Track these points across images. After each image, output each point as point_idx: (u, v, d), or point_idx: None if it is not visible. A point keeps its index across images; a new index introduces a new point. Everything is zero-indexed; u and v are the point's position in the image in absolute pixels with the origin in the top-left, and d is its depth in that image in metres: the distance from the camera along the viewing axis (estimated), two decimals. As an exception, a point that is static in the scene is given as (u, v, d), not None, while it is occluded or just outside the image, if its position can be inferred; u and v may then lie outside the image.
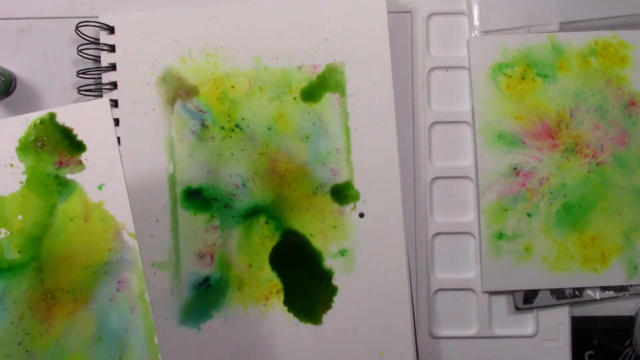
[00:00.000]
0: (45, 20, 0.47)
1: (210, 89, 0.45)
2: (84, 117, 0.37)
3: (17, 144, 0.37)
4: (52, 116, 0.37)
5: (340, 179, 0.44)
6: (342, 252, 0.44)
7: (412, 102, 0.47)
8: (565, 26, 0.47)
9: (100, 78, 0.45)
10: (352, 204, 0.44)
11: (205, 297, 0.44)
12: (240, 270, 0.44)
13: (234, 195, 0.44)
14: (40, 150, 0.37)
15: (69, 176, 0.37)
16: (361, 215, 0.44)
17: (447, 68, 0.47)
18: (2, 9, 0.47)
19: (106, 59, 0.45)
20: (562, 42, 0.46)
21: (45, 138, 0.37)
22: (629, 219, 0.46)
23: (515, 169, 0.46)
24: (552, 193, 0.45)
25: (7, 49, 0.47)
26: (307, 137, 0.44)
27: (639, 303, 0.47)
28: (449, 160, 0.47)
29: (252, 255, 0.44)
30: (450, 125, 0.47)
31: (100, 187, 0.37)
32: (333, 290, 0.44)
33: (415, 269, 0.46)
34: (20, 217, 0.36)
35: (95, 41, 0.45)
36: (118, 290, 0.36)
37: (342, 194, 0.44)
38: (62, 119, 0.37)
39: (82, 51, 0.45)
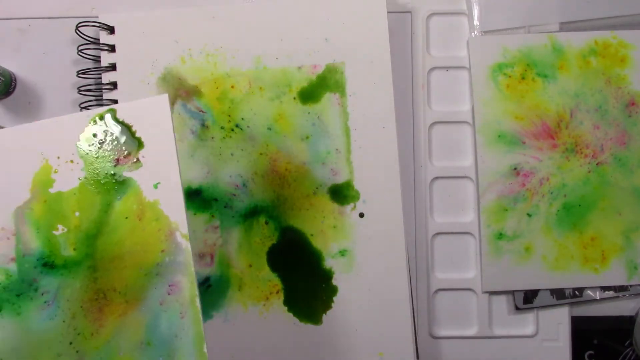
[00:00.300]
0: (45, 20, 0.47)
1: (210, 89, 0.45)
2: (143, 114, 0.37)
3: (78, 140, 0.37)
4: (112, 112, 0.37)
5: (340, 179, 0.44)
6: (342, 252, 0.44)
7: (412, 102, 0.47)
8: (565, 26, 0.47)
9: (100, 78, 0.45)
10: (352, 204, 0.44)
11: (205, 297, 0.44)
12: (240, 270, 0.44)
13: (234, 195, 0.44)
14: (99, 146, 0.37)
15: (126, 174, 0.36)
16: (361, 215, 0.44)
17: (447, 68, 0.47)
18: (2, 9, 0.47)
19: (106, 59, 0.45)
20: (562, 42, 0.46)
21: (105, 135, 0.37)
22: (629, 219, 0.45)
23: (515, 169, 0.46)
24: (552, 193, 0.45)
25: (7, 49, 0.47)
26: (307, 137, 0.44)
27: (639, 303, 0.47)
28: (449, 160, 0.47)
29: (252, 255, 0.44)
30: (450, 125, 0.47)
31: (155, 186, 0.36)
32: (333, 290, 0.44)
33: (415, 269, 0.46)
34: (77, 213, 0.36)
35: (95, 41, 0.45)
36: (169, 293, 0.36)
37: (342, 194, 0.44)
38: (122, 115, 0.37)
39: (82, 51, 0.45)
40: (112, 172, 0.36)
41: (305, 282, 0.44)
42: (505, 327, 0.46)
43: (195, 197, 0.44)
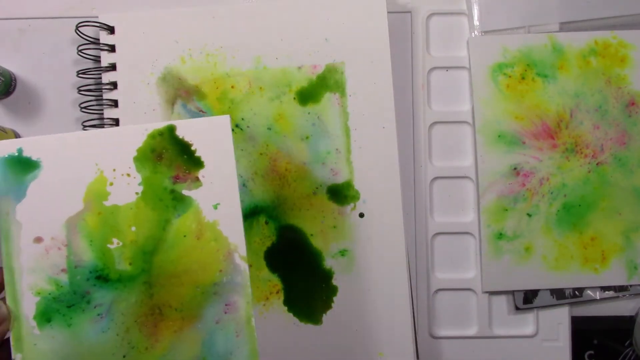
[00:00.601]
0: (45, 20, 0.47)
1: (210, 89, 0.45)
2: (204, 133, 0.36)
3: (135, 154, 0.36)
4: (171, 129, 0.36)
5: (340, 179, 0.44)
6: (342, 252, 0.44)
7: (412, 102, 0.47)
8: (565, 26, 0.47)
9: (100, 78, 0.45)
10: (352, 204, 0.44)
11: (206, 297, 0.44)
12: (240, 270, 0.44)
13: (234, 195, 0.44)
14: (157, 162, 0.36)
15: (185, 192, 0.36)
16: (361, 215, 0.44)
17: (447, 68, 0.47)
18: (2, 9, 0.47)
19: (106, 59, 0.45)
20: (562, 42, 0.46)
21: (163, 151, 0.36)
22: (629, 219, 0.45)
23: (515, 169, 0.46)
24: (552, 193, 0.45)
25: (7, 49, 0.47)
26: (307, 137, 0.44)
27: (639, 303, 0.47)
28: (449, 160, 0.47)
29: (252, 255, 0.44)
30: (450, 125, 0.47)
31: (215, 207, 0.36)
32: (333, 290, 0.44)
33: (415, 269, 0.46)
34: (133, 228, 0.36)
35: (95, 41, 0.45)
36: (225, 312, 0.36)
37: (342, 194, 0.44)
38: (182, 132, 0.36)
39: (82, 51, 0.45)
40: (171, 189, 0.36)
41: (305, 282, 0.44)
42: (505, 327, 0.46)
43: (195, 197, 0.44)
